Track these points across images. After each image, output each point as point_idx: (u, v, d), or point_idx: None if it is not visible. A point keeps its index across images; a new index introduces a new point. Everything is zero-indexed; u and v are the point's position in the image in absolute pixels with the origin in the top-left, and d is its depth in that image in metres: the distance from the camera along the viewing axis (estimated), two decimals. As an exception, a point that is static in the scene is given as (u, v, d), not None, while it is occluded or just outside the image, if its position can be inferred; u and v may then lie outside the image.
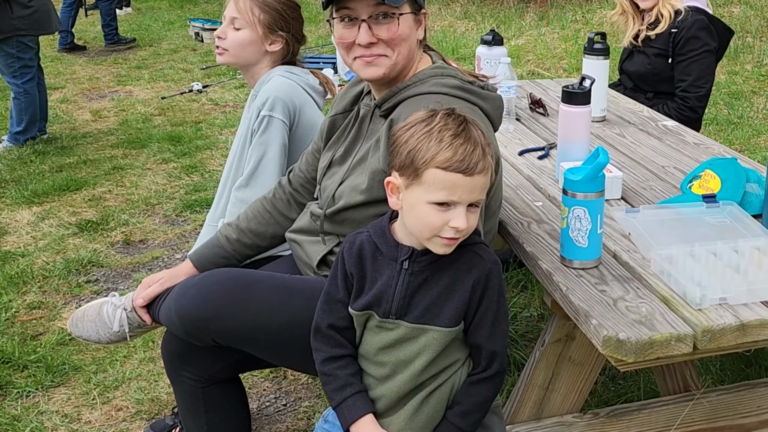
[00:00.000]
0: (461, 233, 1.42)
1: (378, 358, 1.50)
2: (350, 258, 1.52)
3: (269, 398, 2.51)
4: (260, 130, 2.19)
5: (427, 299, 1.47)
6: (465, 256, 1.47)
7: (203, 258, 1.98)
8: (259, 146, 2.19)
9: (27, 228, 3.84)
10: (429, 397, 1.50)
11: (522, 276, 3.07)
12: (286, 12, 2.29)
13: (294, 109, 2.21)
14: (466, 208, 1.41)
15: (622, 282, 1.65)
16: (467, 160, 1.39)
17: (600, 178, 1.68)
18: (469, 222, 1.42)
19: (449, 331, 1.47)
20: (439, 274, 1.47)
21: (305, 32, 2.40)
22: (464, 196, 1.40)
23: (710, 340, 1.48)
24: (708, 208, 1.84)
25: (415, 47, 1.75)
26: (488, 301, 1.47)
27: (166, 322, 1.82)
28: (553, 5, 8.02)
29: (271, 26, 2.27)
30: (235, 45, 2.28)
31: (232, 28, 2.27)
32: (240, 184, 2.20)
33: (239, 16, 2.25)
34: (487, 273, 1.47)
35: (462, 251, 1.47)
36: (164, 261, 3.50)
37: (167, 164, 4.76)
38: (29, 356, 2.71)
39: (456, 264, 1.47)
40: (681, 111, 3.08)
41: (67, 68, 7.56)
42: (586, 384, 1.91)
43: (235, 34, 2.27)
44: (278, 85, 2.22)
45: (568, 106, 2.17)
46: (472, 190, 1.41)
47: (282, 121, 2.18)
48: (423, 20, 1.76)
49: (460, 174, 1.39)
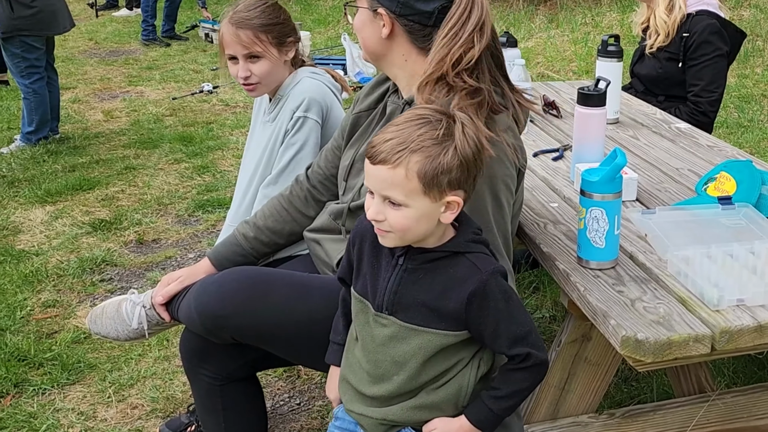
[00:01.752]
0: (381, 225, 1.39)
1: (375, 356, 1.49)
2: (354, 237, 1.55)
3: (283, 397, 2.53)
4: (294, 130, 2.19)
5: (420, 300, 1.45)
6: (461, 264, 1.43)
7: (221, 256, 2.00)
8: (293, 145, 2.19)
9: (41, 227, 3.87)
10: (431, 396, 1.48)
11: (534, 277, 3.08)
12: (281, 18, 2.26)
13: (326, 108, 2.22)
14: (382, 199, 1.38)
15: (640, 283, 1.66)
16: (377, 147, 1.37)
17: (618, 179, 1.69)
18: (389, 217, 1.37)
19: (446, 335, 1.44)
20: (433, 276, 1.45)
21: (316, 33, 2.41)
22: (372, 183, 1.38)
23: (728, 341, 1.49)
24: (723, 210, 1.85)
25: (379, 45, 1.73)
26: (495, 311, 1.42)
27: (186, 319, 1.83)
28: (563, 8, 8.02)
29: (280, 40, 2.24)
30: (264, 76, 2.23)
31: (249, 62, 2.22)
32: (269, 182, 2.21)
33: (249, 49, 2.20)
34: (484, 284, 1.41)
35: (458, 258, 1.44)
36: (177, 260, 3.52)
37: (179, 164, 4.78)
38: (45, 354, 2.74)
39: (451, 270, 1.43)
40: (693, 115, 3.09)
41: (78, 68, 7.60)
42: (602, 384, 1.92)
43: (258, 66, 2.21)
44: (310, 86, 2.22)
45: (583, 108, 2.18)
46: (379, 180, 1.37)
47: (316, 122, 2.19)
48: (388, 22, 1.70)
49: (368, 159, 1.39)
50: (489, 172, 1.59)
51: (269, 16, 2.23)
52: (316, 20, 9.48)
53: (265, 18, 2.22)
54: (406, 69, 1.75)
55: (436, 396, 1.49)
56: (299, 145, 2.19)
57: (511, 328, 1.43)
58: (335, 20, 9.23)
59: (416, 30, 1.71)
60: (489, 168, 1.59)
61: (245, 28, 2.19)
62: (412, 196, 1.36)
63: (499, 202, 1.63)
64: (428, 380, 1.47)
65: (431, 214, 1.39)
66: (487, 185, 1.61)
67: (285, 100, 2.25)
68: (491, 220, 1.62)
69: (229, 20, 2.21)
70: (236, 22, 2.19)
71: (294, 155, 2.19)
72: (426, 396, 1.48)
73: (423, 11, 1.68)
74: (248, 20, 2.19)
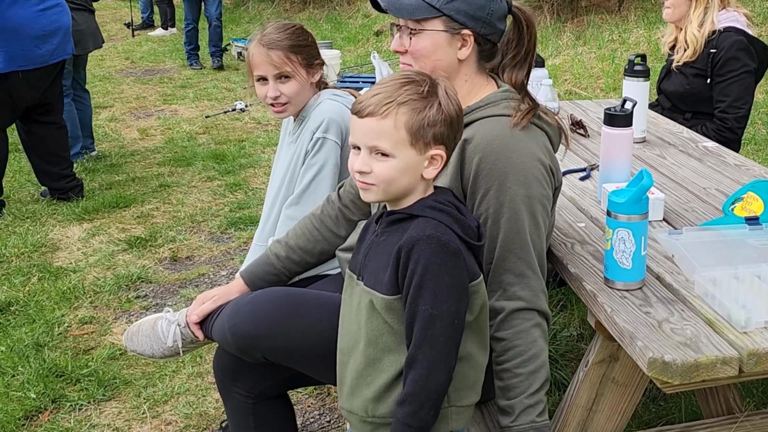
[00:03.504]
0: (365, 177, 1.46)
1: (351, 325, 1.55)
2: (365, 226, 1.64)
3: (313, 414, 2.56)
4: (314, 151, 2.24)
5: (376, 263, 1.50)
6: (410, 226, 1.47)
7: (254, 275, 2.04)
8: (313, 166, 2.24)
9: (78, 244, 3.96)
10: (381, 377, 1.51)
11: (562, 295, 3.09)
12: (309, 41, 2.32)
13: (346, 129, 2.27)
14: (369, 152, 1.45)
15: (667, 304, 1.67)
16: (364, 102, 1.45)
17: (644, 200, 1.70)
18: (375, 169, 1.45)
19: (384, 299, 1.47)
20: (391, 237, 1.49)
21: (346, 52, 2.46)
22: (360, 137, 1.46)
23: (756, 363, 1.49)
24: (751, 230, 1.85)
25: (453, 67, 1.74)
26: (410, 273, 1.41)
27: (219, 338, 1.88)
28: (590, 25, 8.02)
29: (309, 62, 2.30)
30: (293, 96, 2.28)
31: (279, 82, 2.27)
32: (291, 202, 2.26)
33: (280, 69, 2.25)
34: (411, 244, 1.42)
35: (411, 220, 1.48)
36: (210, 277, 3.59)
37: (212, 182, 4.87)
38: (81, 370, 2.80)
39: (403, 232, 1.46)
40: (720, 132, 3.09)
41: (115, 87, 7.76)
42: (630, 405, 1.92)
43: (287, 87, 2.27)
44: (330, 107, 2.27)
45: (610, 129, 2.19)
46: (366, 132, 1.45)
47: (335, 143, 2.24)
48: (469, 40, 1.73)
49: (354, 116, 1.47)
50: (527, 192, 1.63)
51: (299, 38, 2.29)
52: (346, 38, 9.58)
53: (295, 39, 2.28)
54: (463, 89, 1.76)
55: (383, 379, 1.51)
56: (319, 166, 2.24)
57: (414, 303, 1.42)
58: (365, 38, 9.32)
59: (487, 49, 1.77)
60: (527, 188, 1.63)
61: (276, 48, 2.25)
62: (399, 146, 1.44)
63: (536, 221, 1.66)
64: (384, 353, 1.49)
65: (416, 168, 1.47)
66: (525, 205, 1.64)
67: (306, 121, 2.30)
68: (528, 240, 1.65)
69: (259, 41, 2.27)
70: (267, 44, 2.25)
71: (314, 176, 2.24)
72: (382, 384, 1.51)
73: (500, 30, 1.75)
74: (279, 41, 2.25)
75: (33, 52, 4.17)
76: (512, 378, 1.63)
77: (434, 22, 1.70)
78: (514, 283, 1.65)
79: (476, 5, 1.71)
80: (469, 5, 1.70)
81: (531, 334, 1.65)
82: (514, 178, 1.63)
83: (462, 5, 1.70)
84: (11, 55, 4.09)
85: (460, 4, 1.70)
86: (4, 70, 4.09)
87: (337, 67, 7.13)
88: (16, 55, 4.10)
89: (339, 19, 10.77)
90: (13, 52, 4.09)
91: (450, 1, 1.69)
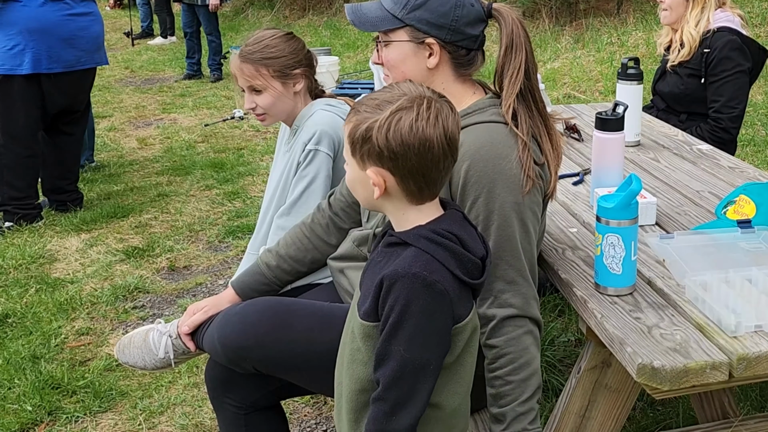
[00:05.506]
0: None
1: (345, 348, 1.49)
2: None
3: (310, 424, 2.56)
4: (306, 163, 2.24)
5: (367, 283, 1.42)
6: (401, 255, 1.37)
7: (245, 285, 2.04)
8: (304, 178, 2.24)
9: (76, 255, 3.96)
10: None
11: (559, 300, 3.08)
12: (286, 50, 2.27)
13: (339, 141, 2.26)
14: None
15: (657, 309, 1.66)
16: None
17: (633, 205, 1.69)
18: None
19: (362, 325, 1.39)
20: (384, 260, 1.41)
21: (345, 58, 2.44)
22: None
23: (746, 368, 1.48)
24: (743, 233, 1.84)
25: (422, 76, 1.71)
26: (388, 309, 1.33)
27: (210, 349, 1.87)
28: (589, 28, 8.02)
29: (284, 72, 2.27)
30: (268, 107, 2.29)
31: (254, 94, 2.29)
32: (282, 213, 2.26)
33: (252, 81, 2.26)
34: (394, 278, 1.32)
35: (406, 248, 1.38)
36: (207, 287, 3.58)
37: (210, 191, 4.87)
38: (78, 382, 2.80)
39: (393, 258, 1.38)
40: (714, 132, 3.08)
41: (114, 97, 7.78)
42: (623, 411, 1.91)
43: (261, 99, 2.28)
44: (322, 118, 2.27)
45: (601, 133, 2.19)
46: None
47: (327, 155, 2.24)
48: (435, 49, 1.70)
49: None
50: (516, 198, 1.62)
51: (272, 50, 2.26)
52: (345, 45, 9.59)
53: (266, 52, 2.25)
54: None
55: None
56: (310, 178, 2.23)
57: (387, 341, 1.33)
58: (364, 45, 9.32)
59: (461, 56, 1.74)
60: (517, 195, 1.62)
61: (247, 62, 2.26)
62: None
63: (526, 228, 1.65)
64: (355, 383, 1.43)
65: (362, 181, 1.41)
66: (515, 212, 1.63)
67: (299, 132, 2.30)
68: (519, 247, 1.64)
69: (239, 52, 2.28)
70: (241, 56, 2.26)
71: (305, 188, 2.23)
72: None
73: (471, 35, 1.72)
74: (250, 54, 2.26)
75: (60, 54, 4.22)
76: (504, 385, 1.63)
77: (399, 33, 1.71)
78: (505, 291, 1.65)
79: (438, 13, 1.69)
80: (431, 13, 1.69)
81: (523, 342, 1.65)
82: (503, 185, 1.62)
83: (424, 14, 1.69)
84: (38, 57, 4.14)
85: (422, 13, 1.69)
86: (30, 71, 4.14)
87: (335, 74, 7.13)
88: (43, 56, 4.15)
89: (338, 25, 10.79)
90: (40, 53, 4.14)
91: (412, 11, 1.69)
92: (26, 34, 4.11)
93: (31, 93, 4.20)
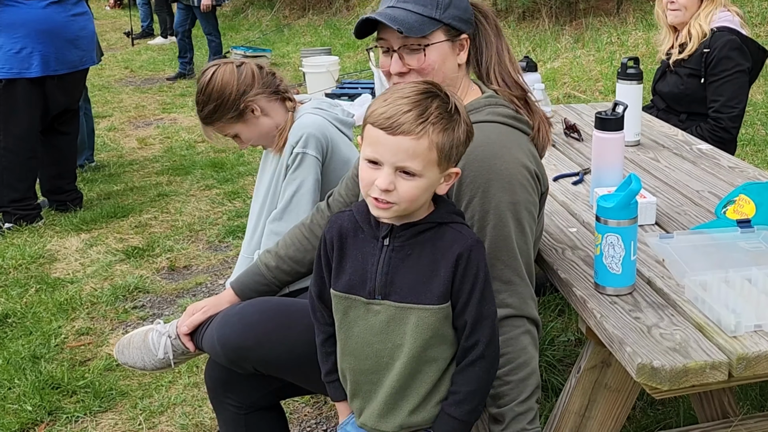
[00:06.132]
0: (388, 196, 1.41)
1: (374, 347, 1.51)
2: (331, 238, 1.55)
3: (310, 423, 2.56)
4: (294, 167, 2.23)
5: (411, 277, 1.48)
6: (447, 234, 1.48)
7: (244, 286, 2.04)
8: (293, 182, 2.23)
9: (76, 255, 3.96)
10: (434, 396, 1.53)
11: (559, 300, 3.08)
12: (220, 99, 2.23)
13: (327, 143, 2.25)
14: (393, 171, 1.40)
15: (656, 309, 1.66)
16: (394, 118, 1.39)
17: (632, 205, 1.69)
18: (400, 189, 1.40)
19: (438, 309, 1.47)
20: (420, 249, 1.48)
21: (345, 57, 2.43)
22: (387, 156, 1.39)
23: (745, 368, 1.48)
24: (742, 233, 1.84)
25: (455, 72, 1.74)
26: (473, 278, 1.47)
27: (209, 349, 1.87)
28: (589, 27, 8.02)
29: (236, 112, 2.25)
30: (250, 140, 2.33)
31: (235, 139, 2.34)
32: (274, 217, 2.25)
33: (223, 134, 2.32)
34: (469, 249, 1.46)
35: (443, 228, 1.49)
36: (207, 287, 3.58)
37: (210, 191, 4.87)
38: (78, 382, 2.80)
39: (438, 242, 1.48)
40: (714, 132, 3.08)
41: (114, 97, 7.78)
42: (623, 411, 1.91)
43: (241, 139, 2.33)
44: (309, 121, 2.26)
45: (601, 133, 2.19)
46: (396, 151, 1.39)
47: (315, 158, 2.23)
48: (465, 44, 1.75)
49: (382, 131, 1.40)
50: (512, 198, 1.62)
51: (207, 106, 2.24)
52: (345, 44, 9.59)
53: (206, 110, 2.25)
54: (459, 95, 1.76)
55: (438, 394, 1.53)
56: (299, 181, 2.23)
57: (482, 300, 1.48)
58: (364, 44, 9.32)
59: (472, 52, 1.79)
60: (512, 194, 1.62)
61: (205, 125, 2.31)
62: (428, 167, 1.42)
63: (522, 228, 1.65)
64: (425, 363, 1.50)
65: (435, 185, 1.47)
66: (510, 211, 1.63)
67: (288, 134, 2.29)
68: (515, 247, 1.64)
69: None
70: (200, 119, 2.31)
71: (295, 192, 2.23)
72: (432, 396, 1.52)
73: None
74: (202, 118, 2.29)
75: (66, 55, 4.23)
76: (502, 386, 1.62)
77: (437, 34, 1.70)
78: (502, 291, 1.64)
79: (462, 8, 1.73)
80: (458, 9, 1.72)
81: (520, 342, 1.65)
82: (498, 184, 1.62)
83: (455, 11, 1.71)
84: (46, 59, 4.15)
85: (453, 10, 1.71)
86: (39, 74, 4.15)
87: (335, 74, 7.13)
88: (51, 58, 4.16)
89: (338, 25, 10.78)
90: (48, 55, 4.15)
91: (445, 10, 1.70)
92: (34, 37, 4.11)
93: (34, 95, 4.20)
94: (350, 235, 1.55)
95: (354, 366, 1.57)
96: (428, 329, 1.48)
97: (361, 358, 1.54)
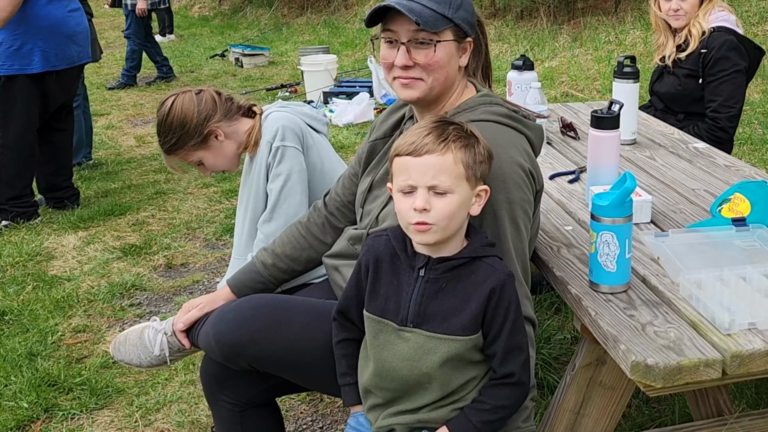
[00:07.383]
0: (426, 216, 1.47)
1: (400, 373, 1.54)
2: (368, 261, 1.60)
3: (306, 421, 2.56)
4: (276, 162, 2.21)
5: (444, 308, 1.52)
6: (480, 268, 1.54)
7: (240, 283, 2.04)
8: (279, 177, 2.21)
9: (73, 252, 3.96)
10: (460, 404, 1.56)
11: (555, 298, 3.08)
12: (180, 131, 2.24)
13: (302, 134, 2.25)
14: (427, 191, 1.47)
15: (651, 306, 1.67)
16: (417, 142, 1.48)
17: (627, 203, 1.70)
18: (436, 207, 1.47)
19: (468, 340, 1.51)
20: (455, 283, 1.53)
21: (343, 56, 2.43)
22: (418, 177, 1.47)
23: (739, 366, 1.48)
24: (737, 231, 1.85)
25: (455, 73, 1.75)
26: (504, 311, 1.52)
27: (205, 346, 1.88)
28: (586, 26, 8.02)
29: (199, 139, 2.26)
30: (217, 165, 2.35)
31: (199, 168, 2.37)
32: (264, 219, 2.24)
33: (183, 160, 2.34)
34: (502, 283, 1.52)
35: (476, 263, 1.54)
36: (204, 284, 3.59)
37: (207, 189, 4.87)
38: (74, 379, 2.80)
39: (471, 276, 1.53)
40: (712, 131, 3.08)
41: (112, 95, 7.78)
42: (618, 408, 1.91)
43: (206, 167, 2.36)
44: (279, 116, 2.26)
45: (596, 131, 2.19)
46: (426, 170, 1.47)
47: (296, 148, 2.22)
48: (468, 47, 1.77)
49: (408, 156, 1.49)
50: (507, 197, 1.63)
51: (172, 136, 2.25)
52: (344, 43, 9.59)
53: (169, 139, 2.26)
54: (454, 95, 1.79)
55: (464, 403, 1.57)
56: (285, 175, 2.21)
57: (513, 331, 1.53)
58: (362, 43, 9.32)
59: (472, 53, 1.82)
60: (507, 193, 1.63)
61: (167, 155, 2.32)
62: (457, 181, 1.48)
63: (518, 226, 1.66)
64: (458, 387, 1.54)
65: (468, 203, 1.51)
66: (505, 211, 1.63)
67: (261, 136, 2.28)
68: (510, 246, 1.65)
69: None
70: (162, 149, 2.32)
71: (282, 186, 2.22)
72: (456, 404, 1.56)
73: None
74: (163, 147, 2.30)
75: (65, 51, 4.25)
76: (498, 384, 1.63)
77: (447, 32, 1.71)
78: None
79: (470, 11, 1.75)
80: (466, 12, 1.73)
81: (517, 340, 1.65)
82: (493, 183, 1.62)
83: (464, 14, 1.73)
84: (46, 55, 4.16)
85: (462, 12, 1.72)
86: (40, 69, 4.15)
87: (334, 72, 7.13)
88: (51, 54, 4.17)
89: (336, 23, 10.78)
90: (48, 51, 4.16)
91: (457, 11, 1.71)
92: (34, 33, 4.12)
93: (33, 92, 4.20)
94: (386, 260, 1.59)
95: (379, 385, 1.60)
96: (457, 358, 1.53)
97: (387, 380, 1.58)
